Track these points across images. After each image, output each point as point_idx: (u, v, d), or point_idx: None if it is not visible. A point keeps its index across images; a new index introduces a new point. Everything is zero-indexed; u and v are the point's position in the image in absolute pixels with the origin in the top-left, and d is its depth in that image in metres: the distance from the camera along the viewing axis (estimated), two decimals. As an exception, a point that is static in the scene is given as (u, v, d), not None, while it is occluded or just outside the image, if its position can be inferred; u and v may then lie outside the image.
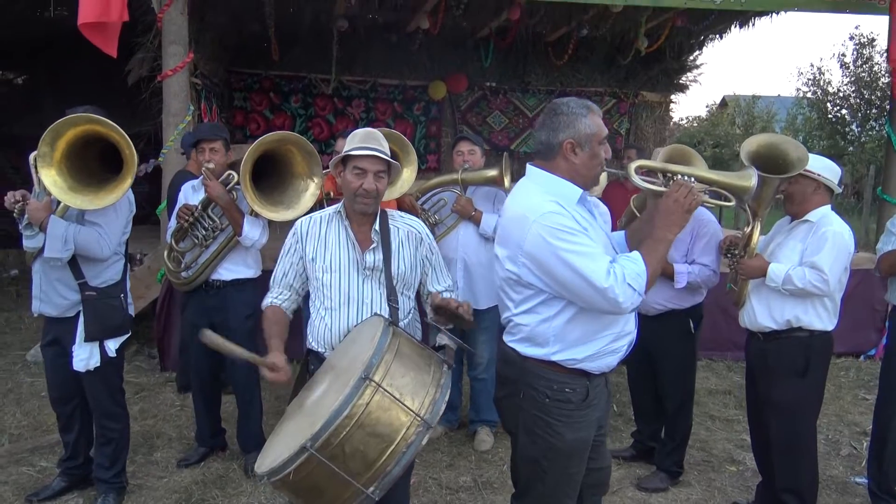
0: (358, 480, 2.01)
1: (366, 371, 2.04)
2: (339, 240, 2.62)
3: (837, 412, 5.17)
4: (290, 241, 2.69)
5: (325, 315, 2.60)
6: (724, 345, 6.05)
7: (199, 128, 4.14)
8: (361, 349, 2.22)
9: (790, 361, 3.31)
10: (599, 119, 2.34)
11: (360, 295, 2.59)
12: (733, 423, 4.88)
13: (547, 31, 8.53)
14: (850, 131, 21.22)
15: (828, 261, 3.15)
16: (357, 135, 2.60)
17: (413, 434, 2.06)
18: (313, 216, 2.69)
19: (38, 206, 3.19)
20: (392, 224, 2.67)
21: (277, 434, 2.31)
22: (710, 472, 4.15)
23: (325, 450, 1.97)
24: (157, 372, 5.55)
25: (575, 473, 2.44)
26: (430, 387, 2.17)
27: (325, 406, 2.05)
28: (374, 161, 2.53)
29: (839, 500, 3.88)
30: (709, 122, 28.83)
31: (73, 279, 3.32)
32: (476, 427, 4.50)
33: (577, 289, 2.21)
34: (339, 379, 2.19)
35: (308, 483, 2.02)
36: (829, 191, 3.32)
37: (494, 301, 4.39)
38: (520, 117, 9.69)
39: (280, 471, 2.01)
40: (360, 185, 2.52)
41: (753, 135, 3.74)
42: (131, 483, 3.72)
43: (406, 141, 4.10)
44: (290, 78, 8.92)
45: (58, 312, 3.35)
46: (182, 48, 5.35)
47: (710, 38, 9.26)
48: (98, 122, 3.14)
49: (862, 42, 19.88)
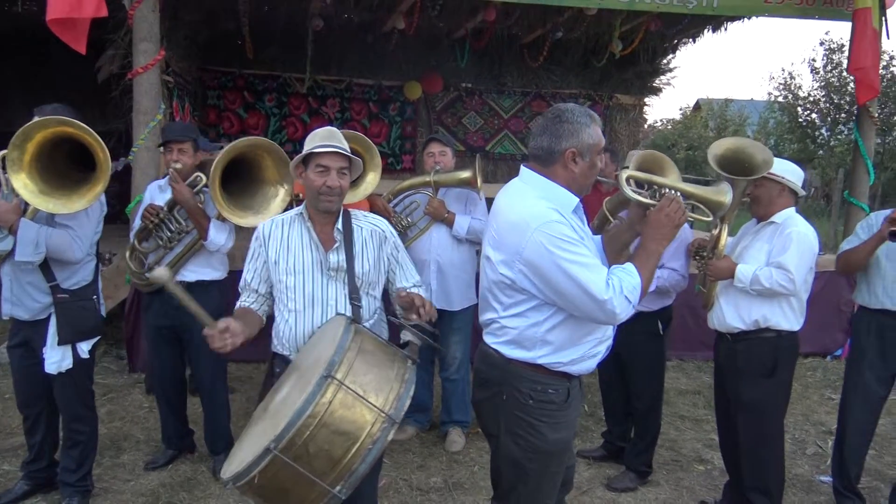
0: (324, 480, 2.00)
1: (328, 369, 2.03)
2: (301, 241, 2.60)
3: (804, 411, 5.25)
4: (253, 245, 2.67)
5: (290, 317, 2.59)
6: (694, 345, 6.12)
7: (169, 127, 4.06)
8: (324, 349, 2.21)
9: (758, 361, 3.36)
10: (599, 129, 2.36)
11: (324, 296, 2.58)
12: (702, 422, 4.93)
13: (522, 33, 8.55)
14: (819, 135, 21.61)
15: (794, 260, 3.21)
16: (317, 134, 2.60)
17: (378, 431, 2.05)
18: (275, 219, 2.68)
19: (7, 209, 3.12)
20: (355, 223, 2.67)
21: (244, 439, 2.29)
22: (678, 471, 4.20)
23: (290, 450, 1.95)
24: (126, 373, 5.48)
25: (556, 473, 2.47)
26: (394, 382, 2.16)
27: (289, 407, 2.04)
28: (336, 158, 2.53)
29: (805, 498, 3.94)
30: (682, 124, 29.12)
31: (44, 282, 3.26)
32: (448, 428, 4.50)
33: (575, 298, 2.21)
34: (302, 379, 2.18)
35: (274, 485, 1.99)
36: (793, 193, 3.39)
37: (467, 302, 4.41)
38: (495, 118, 9.71)
39: (244, 475, 1.98)
40: (324, 182, 2.52)
41: (721, 138, 3.79)
42: (97, 486, 3.67)
43: (370, 143, 4.10)
44: (265, 77, 8.85)
45: (30, 315, 3.29)
46: (153, 45, 5.27)
47: (684, 42, 9.34)
48: (69, 123, 3.08)
49: (832, 48, 20.26)
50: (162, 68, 5.80)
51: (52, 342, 3.30)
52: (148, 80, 5.22)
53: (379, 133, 9.27)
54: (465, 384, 4.55)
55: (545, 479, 2.43)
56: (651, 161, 3.29)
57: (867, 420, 3.69)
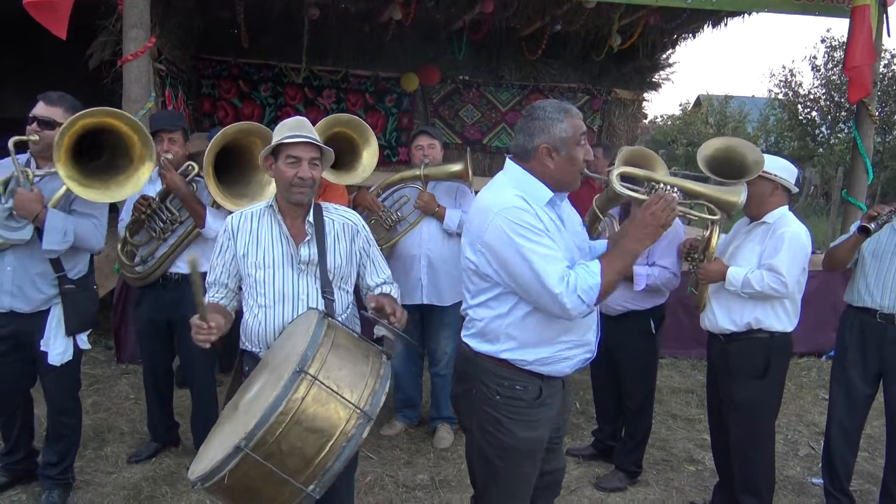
0: (297, 479, 1.94)
1: (300, 364, 1.97)
2: (271, 235, 2.54)
3: (797, 412, 5.21)
4: (221, 238, 2.61)
5: (259, 313, 2.53)
6: (688, 343, 6.07)
7: (157, 116, 3.99)
8: (296, 343, 2.15)
9: (750, 362, 3.31)
10: (578, 121, 2.31)
11: (295, 291, 2.52)
12: (694, 422, 4.89)
13: (521, 26, 8.46)
14: (820, 133, 21.50)
15: (785, 263, 3.15)
16: (286, 124, 2.54)
17: (353, 427, 1.99)
18: (244, 211, 2.62)
19: (30, 198, 3.04)
20: (327, 216, 2.61)
21: (212, 438, 2.22)
22: (668, 471, 4.15)
23: (261, 448, 1.89)
24: (114, 364, 5.43)
25: (528, 474, 2.41)
26: (368, 378, 2.11)
27: (260, 403, 1.97)
28: (307, 148, 2.47)
29: (795, 500, 3.90)
30: (682, 120, 29.03)
31: (53, 273, 3.21)
32: (436, 424, 4.46)
33: (529, 286, 2.19)
34: (274, 374, 2.12)
35: (244, 485, 1.93)
36: (786, 191, 3.33)
37: (458, 297, 4.36)
38: (492, 111, 9.63)
39: (213, 475, 1.91)
40: (295, 173, 2.46)
41: (713, 137, 3.70)
42: (79, 479, 3.63)
43: (364, 124, 4.03)
44: (260, 66, 8.75)
45: (31, 308, 3.21)
46: (144, 32, 5.19)
47: (684, 37, 9.27)
48: (116, 115, 3.16)
49: (833, 45, 20.11)
50: (154, 56, 5.73)
51: (57, 333, 3.25)
52: (138, 68, 5.14)
53: (375, 125, 9.19)
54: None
55: (516, 480, 2.38)
56: (639, 157, 3.23)
57: (852, 418, 3.64)
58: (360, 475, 3.84)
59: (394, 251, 4.29)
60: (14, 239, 3.11)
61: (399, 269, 4.28)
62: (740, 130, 25.56)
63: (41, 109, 3.16)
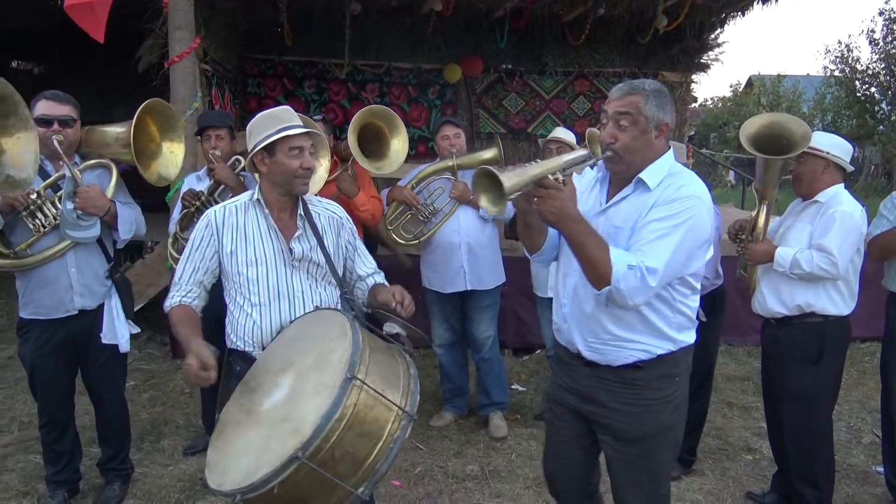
0: (347, 483, 1.94)
1: (350, 370, 1.95)
2: (258, 230, 2.47)
3: (860, 399, 5.03)
4: (202, 233, 2.47)
5: (253, 311, 2.45)
6: (743, 330, 5.91)
7: (205, 115, 4.09)
8: (325, 346, 2.12)
9: (803, 348, 3.20)
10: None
11: (289, 288, 2.47)
12: (751, 410, 4.76)
13: (563, 11, 8.31)
14: (880, 110, 20.71)
15: (836, 242, 3.02)
16: (274, 116, 2.45)
17: (398, 429, 2.01)
18: (226, 205, 2.52)
19: (98, 194, 3.13)
20: (313, 209, 2.57)
21: (228, 446, 2.13)
22: (724, 460, 4.05)
23: (316, 456, 1.88)
24: (169, 359, 5.56)
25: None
26: (402, 378, 2.12)
27: (306, 410, 1.95)
28: (305, 138, 2.44)
29: (859, 489, 3.76)
30: (733, 102, 28.30)
31: (105, 265, 3.30)
32: (489, 412, 4.45)
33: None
34: (310, 379, 2.07)
35: (292, 494, 1.91)
36: (840, 170, 3.19)
37: (497, 281, 4.36)
38: (536, 100, 9.51)
39: (261, 486, 1.88)
40: (300, 164, 2.41)
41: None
42: (137, 470, 3.73)
43: (392, 114, 4.06)
44: (304, 63, 8.83)
45: (96, 303, 3.28)
46: (189, 34, 5.30)
47: (732, 16, 8.97)
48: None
49: (892, 17, 19.33)
50: (200, 57, 5.83)
51: (120, 319, 3.32)
52: (184, 69, 5.25)
53: (419, 117, 9.19)
54: (499, 362, 4.50)
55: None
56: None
57: None
58: (410, 465, 3.86)
59: (431, 242, 4.32)
60: (86, 238, 3.16)
61: (439, 259, 4.29)
62: (794, 110, 24.82)
63: (57, 109, 3.11)
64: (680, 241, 2.10)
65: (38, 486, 3.58)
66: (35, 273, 3.14)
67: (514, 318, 5.89)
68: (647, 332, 2.24)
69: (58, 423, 3.37)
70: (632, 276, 2.06)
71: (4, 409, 4.63)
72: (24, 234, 3.10)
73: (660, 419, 2.31)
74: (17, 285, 3.21)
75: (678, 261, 2.12)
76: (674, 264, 2.11)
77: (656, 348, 2.26)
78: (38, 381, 3.29)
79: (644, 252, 2.10)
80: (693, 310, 2.32)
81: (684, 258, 2.14)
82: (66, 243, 3.14)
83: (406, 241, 4.31)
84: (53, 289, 3.16)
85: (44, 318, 3.19)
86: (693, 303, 2.31)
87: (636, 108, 2.18)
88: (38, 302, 3.18)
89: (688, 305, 2.28)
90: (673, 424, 2.35)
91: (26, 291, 3.18)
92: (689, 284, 2.27)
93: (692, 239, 2.13)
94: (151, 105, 3.33)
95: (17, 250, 3.09)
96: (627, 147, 2.19)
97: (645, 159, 2.21)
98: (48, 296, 3.17)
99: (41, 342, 3.22)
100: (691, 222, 2.11)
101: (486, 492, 3.65)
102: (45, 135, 3.05)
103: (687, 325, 2.31)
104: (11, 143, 2.71)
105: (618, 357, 2.27)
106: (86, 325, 3.28)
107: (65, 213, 3.07)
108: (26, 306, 3.21)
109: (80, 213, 3.09)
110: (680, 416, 2.38)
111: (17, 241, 3.10)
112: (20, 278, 3.19)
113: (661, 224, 2.11)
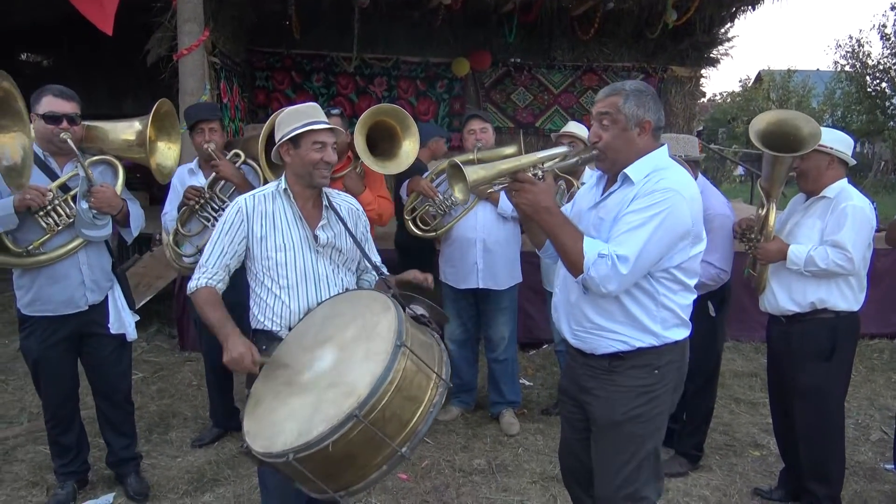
0: (394, 441, 2.10)
1: (398, 339, 2.13)
2: (285, 217, 2.62)
3: (868, 395, 5.01)
4: (233, 218, 2.60)
5: (282, 293, 2.60)
6: (751, 326, 5.90)
7: (195, 108, 4.03)
8: (368, 320, 2.30)
9: (815, 344, 3.19)
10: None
11: (315, 272, 2.63)
12: (758, 406, 4.75)
13: (572, 5, 8.28)
14: (890, 105, 20.55)
15: (850, 238, 3.01)
16: (302, 111, 2.61)
17: (437, 394, 2.19)
18: (255, 194, 2.66)
19: (112, 194, 3.17)
20: (334, 201, 2.73)
21: (271, 415, 2.24)
22: (731, 456, 4.04)
23: (369, 415, 2.03)
24: (177, 351, 5.59)
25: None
26: (435, 349, 2.31)
27: (358, 374, 2.11)
28: (330, 134, 2.59)
29: (867, 486, 3.75)
30: (742, 97, 28.15)
31: (109, 259, 3.34)
32: (500, 409, 4.45)
33: None
34: (358, 349, 2.23)
35: (344, 452, 2.04)
36: (843, 164, 3.17)
37: (513, 281, 4.34)
38: (545, 94, 9.49)
39: (316, 444, 2.01)
40: (321, 157, 2.57)
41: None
42: (145, 462, 3.76)
43: (405, 113, 4.02)
44: (312, 56, 8.83)
45: (102, 297, 3.32)
46: (198, 27, 5.31)
47: (742, 10, 8.92)
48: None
49: (904, 12, 19.17)
50: (209, 50, 5.84)
51: (125, 309, 3.37)
52: (193, 62, 5.26)
53: (427, 111, 9.18)
54: (514, 363, 4.49)
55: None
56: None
57: None
58: (417, 459, 3.87)
59: (449, 235, 4.29)
60: (100, 236, 3.19)
61: (455, 254, 4.28)
62: (804, 105, 24.65)
63: (65, 106, 3.11)
64: (653, 232, 2.15)
65: (48, 477, 3.60)
66: (45, 270, 3.15)
67: (522, 312, 5.87)
68: (627, 323, 2.29)
69: (63, 417, 3.39)
70: (602, 263, 2.14)
71: (14, 399, 4.65)
72: (33, 231, 3.10)
73: (630, 407, 2.32)
74: (20, 282, 3.19)
75: (651, 250, 2.16)
76: (647, 254, 2.16)
77: (636, 340, 2.29)
78: (43, 374, 3.31)
79: (618, 241, 2.18)
80: (683, 307, 2.33)
81: (661, 249, 2.18)
82: (79, 241, 3.16)
83: (423, 233, 4.30)
84: (65, 286, 3.18)
85: (51, 314, 3.20)
86: (683, 300, 2.32)
87: (615, 107, 2.28)
88: (47, 298, 3.18)
89: (675, 302, 2.30)
90: (644, 416, 2.32)
91: (33, 288, 3.17)
92: (678, 279, 2.28)
93: (667, 230, 2.17)
94: (161, 105, 3.36)
95: (30, 248, 3.10)
96: (609, 145, 2.29)
97: (629, 156, 2.29)
98: (59, 292, 3.18)
99: (47, 335, 3.23)
100: (666, 213, 2.15)
101: (493, 486, 3.65)
102: (53, 132, 3.07)
103: (673, 322, 2.32)
104: (7, 138, 2.84)
105: (598, 346, 2.35)
106: (91, 317, 3.30)
107: (80, 212, 3.09)
108: (32, 303, 3.20)
109: (96, 213, 3.12)
110: (655, 409, 2.34)
111: (25, 239, 3.11)
112: (25, 275, 3.18)
113: (636, 215, 2.18)
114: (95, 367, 3.41)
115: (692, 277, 2.33)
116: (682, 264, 2.26)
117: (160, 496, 3.50)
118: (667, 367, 2.33)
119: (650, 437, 2.37)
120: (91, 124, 3.32)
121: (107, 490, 3.54)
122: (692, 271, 2.32)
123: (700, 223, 2.27)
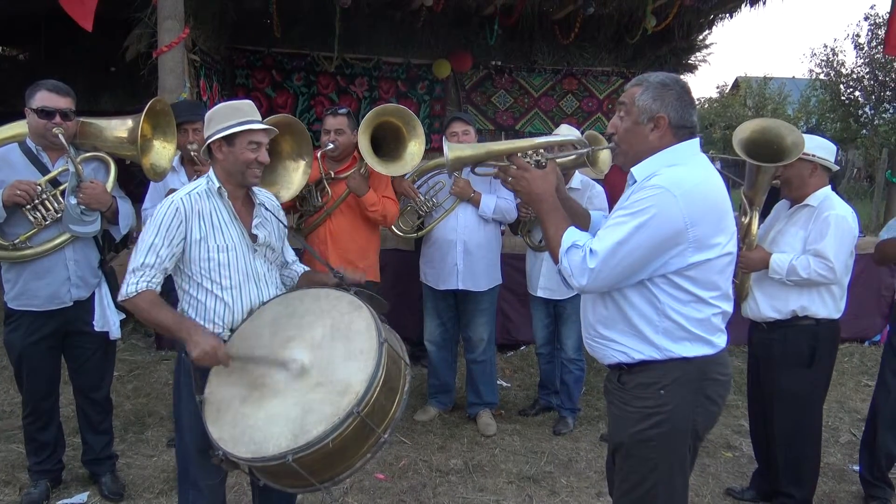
0: (379, 428, 2.21)
1: (379, 336, 2.24)
2: (221, 217, 2.56)
3: (839, 399, 5.10)
4: (170, 220, 2.46)
5: (224, 295, 2.54)
6: (727, 329, 5.96)
7: (180, 107, 3.98)
8: (338, 319, 2.35)
9: (796, 351, 3.23)
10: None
11: (255, 272, 2.62)
12: (731, 408, 4.82)
13: (553, 9, 8.35)
14: (863, 114, 20.89)
15: (832, 247, 3.05)
16: (237, 108, 2.57)
17: (407, 381, 2.34)
18: (190, 193, 2.55)
19: (102, 190, 3.15)
20: (260, 198, 2.73)
21: (246, 419, 2.23)
22: (704, 457, 4.10)
23: (364, 410, 2.13)
24: (153, 351, 5.54)
25: None
26: (392, 334, 2.40)
27: (348, 373, 2.20)
28: (266, 134, 2.58)
29: (836, 487, 3.83)
30: (720, 103, 28.47)
31: (98, 255, 3.31)
32: (478, 410, 4.47)
33: None
34: (336, 348, 2.28)
35: (340, 447, 2.13)
36: (826, 171, 3.22)
37: (493, 283, 4.36)
38: (525, 97, 9.53)
39: (318, 442, 2.08)
40: (255, 157, 2.55)
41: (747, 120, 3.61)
42: (121, 461, 3.73)
43: (411, 114, 3.99)
44: (293, 55, 8.78)
45: (88, 293, 3.29)
46: (178, 24, 5.26)
47: (720, 18, 9.05)
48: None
49: (877, 22, 19.51)
50: (189, 47, 5.79)
51: (111, 307, 3.33)
52: (173, 59, 5.21)
53: (407, 112, 9.19)
54: (492, 365, 4.51)
55: None
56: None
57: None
58: (394, 459, 3.88)
59: (430, 237, 4.31)
60: (88, 233, 3.16)
61: (435, 255, 4.29)
62: (780, 112, 25.00)
63: (59, 102, 3.10)
64: (631, 231, 2.01)
65: (21, 476, 3.56)
66: (31, 265, 3.14)
67: (500, 314, 5.90)
68: (628, 332, 2.15)
69: (43, 412, 3.37)
70: (575, 253, 2.09)
71: (-14, 397, 4.59)
72: (21, 225, 3.09)
73: (635, 430, 2.16)
74: (7, 275, 3.18)
75: (627, 250, 2.02)
76: (622, 253, 2.02)
77: (635, 352, 2.15)
78: (26, 369, 3.29)
79: (598, 237, 2.09)
80: (695, 321, 2.11)
81: (643, 251, 2.03)
82: (67, 237, 3.14)
83: (404, 234, 4.31)
84: (50, 280, 3.16)
85: (36, 309, 3.19)
86: (695, 312, 2.11)
87: (631, 98, 2.16)
88: (32, 293, 3.17)
89: (682, 313, 2.10)
90: (652, 440, 2.14)
91: (19, 282, 3.17)
92: (682, 288, 2.09)
93: (650, 230, 2.01)
94: (155, 104, 3.33)
95: (17, 242, 3.08)
96: (622, 137, 2.20)
97: (640, 152, 2.17)
98: (44, 287, 3.16)
99: (32, 330, 3.22)
100: (652, 212, 2.01)
101: (470, 486, 3.67)
102: (46, 127, 3.06)
103: (681, 335, 2.11)
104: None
105: (604, 355, 2.25)
106: (77, 314, 3.28)
107: (69, 207, 3.07)
108: (18, 297, 3.19)
109: (84, 209, 3.09)
110: (665, 436, 2.14)
111: (12, 232, 3.09)
112: (12, 269, 3.17)
113: (622, 212, 2.07)
114: (78, 364, 3.40)
115: (707, 289, 2.11)
116: (684, 271, 2.07)
117: (135, 495, 3.48)
118: (674, 387, 2.12)
119: (662, 461, 2.17)
120: (86, 120, 3.30)
121: (81, 489, 3.51)
122: (705, 282, 2.10)
123: (704, 226, 2.05)
